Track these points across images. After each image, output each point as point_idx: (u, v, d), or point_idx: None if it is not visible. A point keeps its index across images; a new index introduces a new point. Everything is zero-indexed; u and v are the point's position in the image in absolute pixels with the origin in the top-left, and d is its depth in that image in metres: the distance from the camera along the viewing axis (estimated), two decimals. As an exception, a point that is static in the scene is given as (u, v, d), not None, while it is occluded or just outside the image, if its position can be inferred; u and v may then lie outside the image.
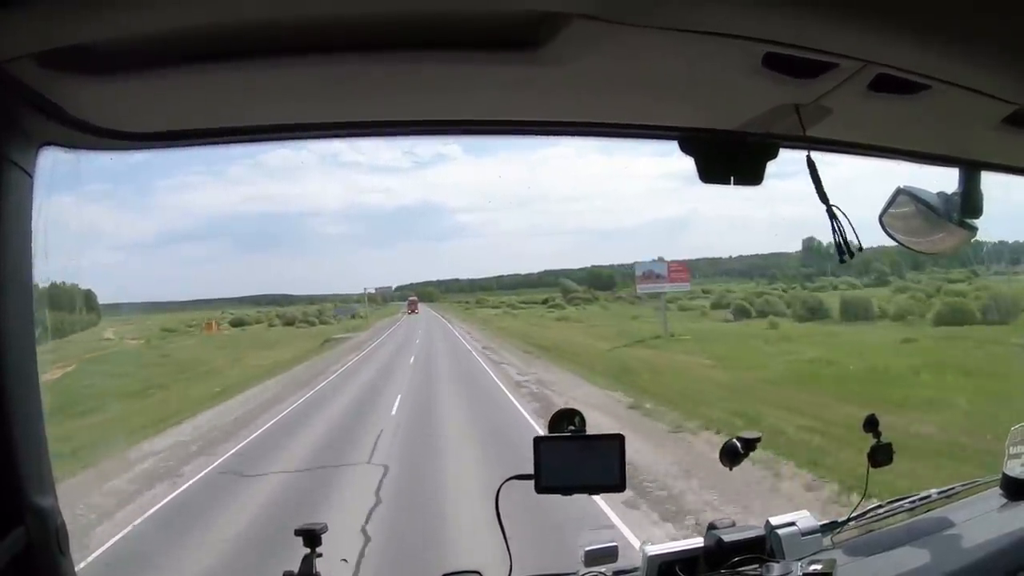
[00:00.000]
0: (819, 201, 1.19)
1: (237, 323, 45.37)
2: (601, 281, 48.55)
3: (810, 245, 36.53)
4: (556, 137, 1.29)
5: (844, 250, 1.20)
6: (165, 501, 9.45)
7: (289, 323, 46.54)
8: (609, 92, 1.13)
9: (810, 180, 1.22)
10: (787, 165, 1.35)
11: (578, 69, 1.02)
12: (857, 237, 1.21)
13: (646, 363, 20.49)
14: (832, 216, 1.20)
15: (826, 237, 1.25)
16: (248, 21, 0.92)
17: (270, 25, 0.93)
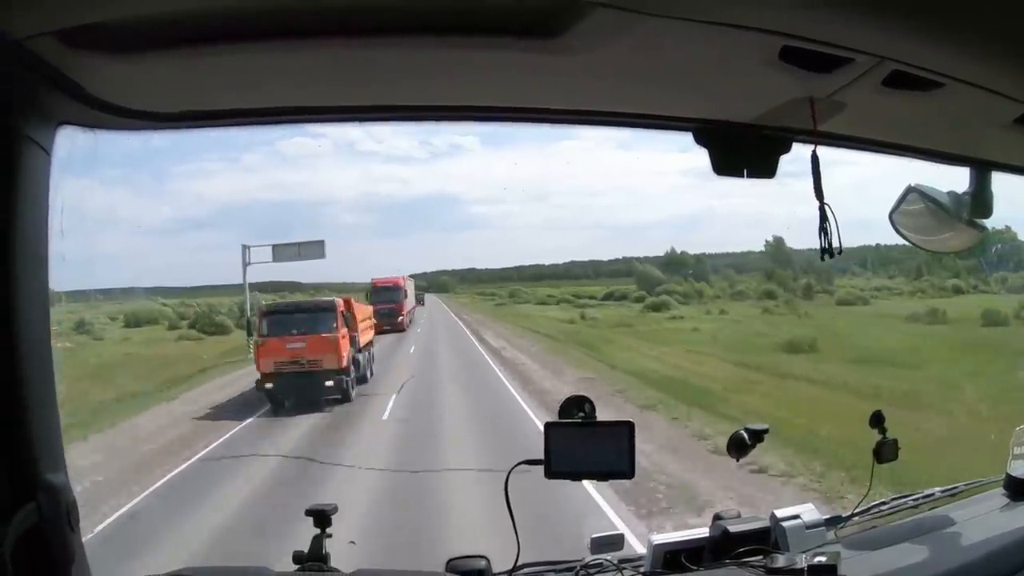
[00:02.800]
0: (815, 198, 1.20)
1: (134, 323, 26.46)
2: (686, 271, 32.44)
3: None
4: (573, 126, 1.30)
5: (827, 249, 1.22)
6: None
7: (194, 325, 28.25)
8: (626, 82, 1.14)
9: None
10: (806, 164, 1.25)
11: (596, 58, 1.03)
12: (840, 239, 1.21)
13: None
14: (823, 215, 1.22)
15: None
16: (269, 3, 0.93)
17: (292, 7, 0.94)
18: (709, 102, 1.24)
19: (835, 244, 1.24)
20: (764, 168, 1.32)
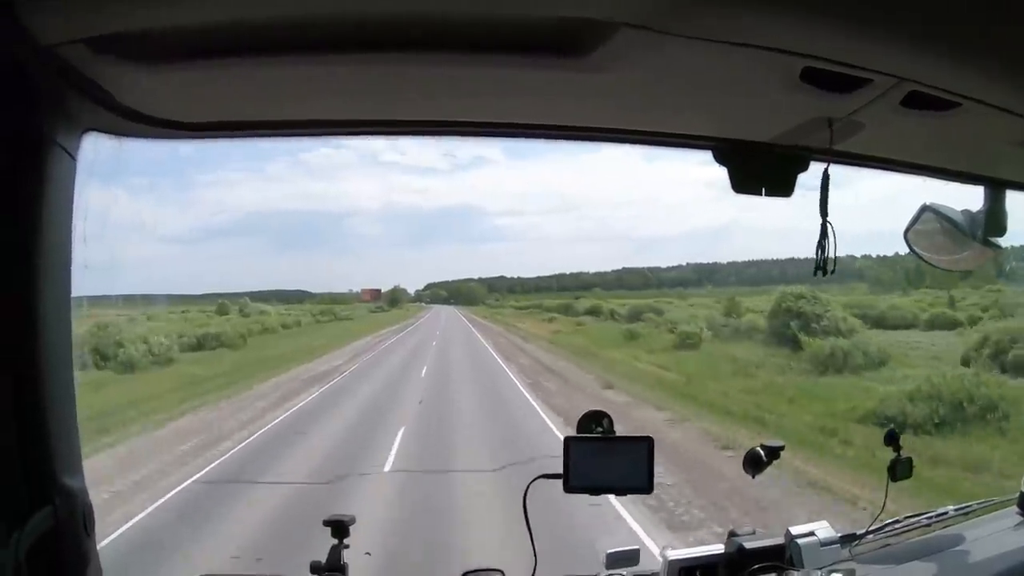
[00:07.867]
0: (819, 214, 1.22)
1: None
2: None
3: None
4: (594, 143, 1.31)
5: (821, 266, 1.23)
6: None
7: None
8: (649, 101, 1.16)
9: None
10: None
11: (621, 77, 1.04)
12: (835, 257, 1.23)
13: None
14: (824, 232, 1.23)
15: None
16: (299, 16, 0.94)
17: (319, 22, 0.95)
18: (729, 121, 1.25)
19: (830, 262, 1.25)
20: (782, 187, 1.34)
